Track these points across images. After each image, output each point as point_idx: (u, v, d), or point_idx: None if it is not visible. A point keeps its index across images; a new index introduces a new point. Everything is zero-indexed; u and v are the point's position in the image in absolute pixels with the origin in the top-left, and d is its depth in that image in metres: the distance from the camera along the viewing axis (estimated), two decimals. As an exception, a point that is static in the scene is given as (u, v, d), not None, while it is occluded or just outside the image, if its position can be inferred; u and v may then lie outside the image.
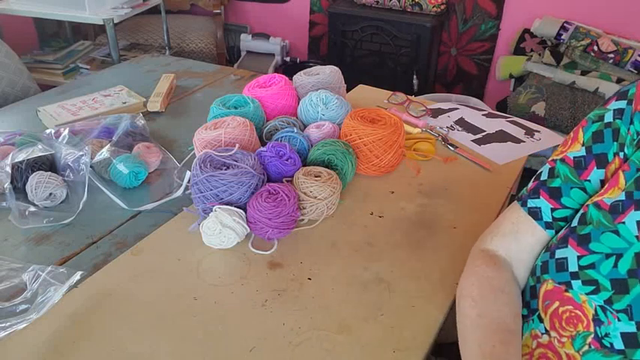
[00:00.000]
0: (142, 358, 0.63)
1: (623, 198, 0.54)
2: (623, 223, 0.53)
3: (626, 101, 0.59)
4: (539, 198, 0.66)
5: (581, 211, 0.59)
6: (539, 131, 1.21)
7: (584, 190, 0.62)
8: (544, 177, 0.66)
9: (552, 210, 0.64)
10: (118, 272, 0.76)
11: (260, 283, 0.75)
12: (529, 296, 0.64)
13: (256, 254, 0.81)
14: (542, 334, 0.60)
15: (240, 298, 0.72)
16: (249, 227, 0.81)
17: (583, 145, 0.62)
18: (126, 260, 0.79)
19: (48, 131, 1.03)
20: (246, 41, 3.04)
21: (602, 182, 0.61)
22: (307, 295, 0.73)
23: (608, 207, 0.55)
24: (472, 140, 1.16)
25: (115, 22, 2.16)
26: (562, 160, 0.64)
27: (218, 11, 2.95)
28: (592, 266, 0.55)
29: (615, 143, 0.59)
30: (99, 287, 0.74)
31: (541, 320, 0.61)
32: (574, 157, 0.63)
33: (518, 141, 1.16)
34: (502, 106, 2.36)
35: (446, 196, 0.96)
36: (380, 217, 0.90)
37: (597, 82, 2.14)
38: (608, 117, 0.60)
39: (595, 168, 0.61)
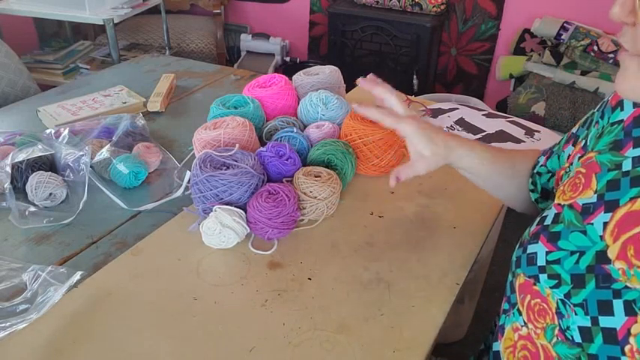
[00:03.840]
0: (142, 358, 0.63)
1: (595, 200, 0.57)
2: (592, 224, 0.56)
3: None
4: None
5: (555, 211, 0.61)
6: (539, 131, 1.21)
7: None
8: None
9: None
10: (118, 272, 0.76)
11: (260, 283, 0.75)
12: (509, 291, 0.66)
13: (256, 254, 0.81)
14: (522, 326, 0.62)
15: (240, 298, 0.72)
16: (249, 227, 0.81)
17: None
18: (126, 260, 0.79)
19: (48, 131, 1.03)
20: (246, 41, 3.04)
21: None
22: (307, 295, 0.73)
23: (581, 208, 0.58)
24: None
25: (115, 22, 2.16)
26: None
27: (218, 11, 2.95)
28: (558, 262, 0.57)
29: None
30: (99, 287, 0.74)
31: (520, 313, 0.63)
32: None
33: (518, 141, 1.16)
34: (502, 106, 2.37)
35: (446, 196, 0.96)
36: (380, 217, 0.90)
37: (597, 82, 2.14)
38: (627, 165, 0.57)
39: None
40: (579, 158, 0.64)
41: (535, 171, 0.77)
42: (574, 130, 0.72)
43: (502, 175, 0.78)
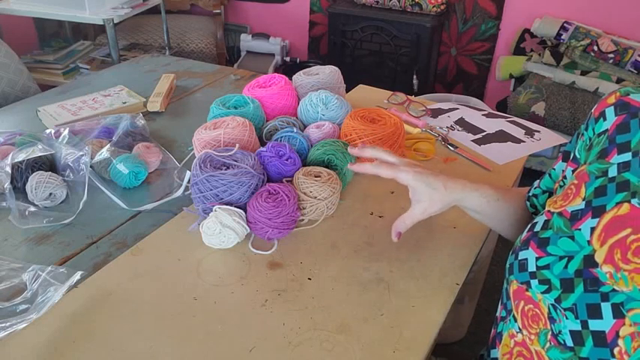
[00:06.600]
0: (142, 358, 0.63)
1: (583, 207, 0.58)
2: (579, 229, 0.57)
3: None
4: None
5: (545, 218, 0.62)
6: (539, 131, 1.21)
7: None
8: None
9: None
10: (118, 272, 0.76)
11: (260, 283, 0.75)
12: (505, 298, 0.67)
13: (256, 254, 0.81)
14: (517, 332, 0.63)
15: (240, 298, 0.72)
16: (249, 227, 0.81)
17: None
18: (126, 260, 0.79)
19: (48, 131, 1.03)
20: (246, 41, 3.04)
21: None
22: (307, 295, 0.73)
23: (569, 215, 0.59)
24: (472, 140, 1.16)
25: (115, 22, 2.16)
26: None
27: (218, 11, 2.95)
28: (547, 267, 0.58)
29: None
30: (99, 287, 0.74)
31: (515, 320, 0.63)
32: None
33: (518, 141, 1.16)
34: (502, 106, 2.37)
35: (446, 196, 0.96)
36: (380, 217, 0.90)
37: (597, 82, 2.14)
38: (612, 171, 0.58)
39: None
40: (573, 172, 0.65)
41: (530, 194, 0.78)
42: (564, 147, 0.73)
43: (510, 212, 0.78)
